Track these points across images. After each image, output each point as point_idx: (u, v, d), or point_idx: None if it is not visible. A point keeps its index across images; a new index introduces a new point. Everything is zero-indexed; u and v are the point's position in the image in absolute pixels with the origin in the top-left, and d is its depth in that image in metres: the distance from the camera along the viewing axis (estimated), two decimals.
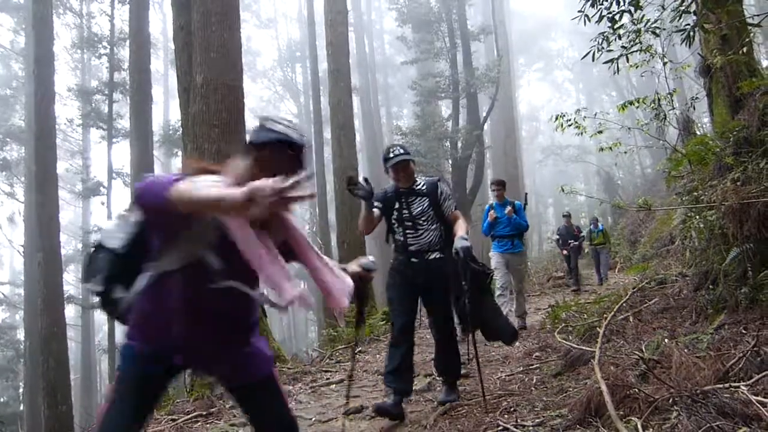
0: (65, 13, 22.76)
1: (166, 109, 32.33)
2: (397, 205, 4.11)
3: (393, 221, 4.16)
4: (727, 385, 2.75)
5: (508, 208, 7.58)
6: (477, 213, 18.61)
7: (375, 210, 4.01)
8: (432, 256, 4.05)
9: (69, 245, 29.10)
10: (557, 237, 14.63)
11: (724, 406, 2.54)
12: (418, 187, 4.12)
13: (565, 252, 13.99)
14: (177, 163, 25.75)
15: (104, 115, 19.13)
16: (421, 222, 4.06)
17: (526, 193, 10.05)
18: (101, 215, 22.25)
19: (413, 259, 4.05)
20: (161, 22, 31.95)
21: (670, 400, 2.77)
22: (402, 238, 4.11)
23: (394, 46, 32.82)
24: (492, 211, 7.75)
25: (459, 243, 3.81)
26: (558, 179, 34.80)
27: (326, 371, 6.38)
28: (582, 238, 14.11)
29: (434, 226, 4.07)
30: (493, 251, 7.75)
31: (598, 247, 14.57)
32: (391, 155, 4.05)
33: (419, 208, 4.07)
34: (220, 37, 7.37)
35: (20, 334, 25.09)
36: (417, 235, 4.06)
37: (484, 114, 18.50)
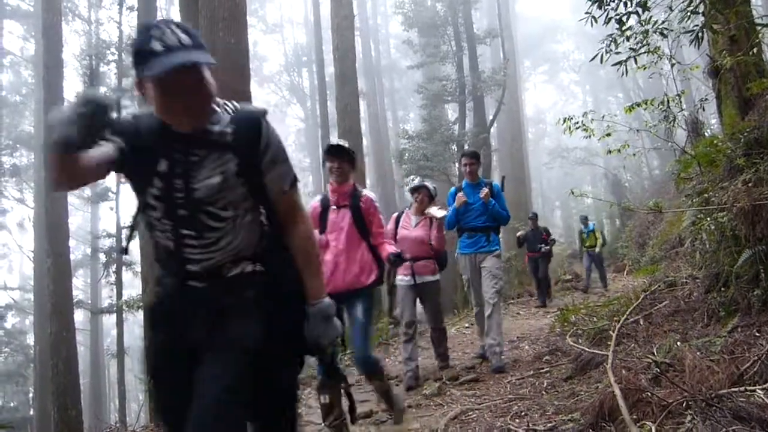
0: (74, 20, 22.92)
1: None
2: (163, 166, 1.78)
3: (149, 200, 1.81)
4: (742, 388, 2.72)
5: (484, 190, 5.61)
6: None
7: (105, 147, 1.69)
8: (234, 272, 1.83)
9: (78, 250, 29.17)
10: (521, 240, 12.34)
11: (739, 410, 2.51)
12: (217, 128, 1.79)
13: (529, 256, 12.20)
14: None
15: None
16: (212, 211, 1.79)
17: (504, 176, 7.20)
18: (110, 220, 22.36)
19: (192, 283, 1.83)
20: None
21: (684, 404, 2.74)
22: (170, 243, 1.82)
23: (400, 50, 32.84)
24: (460, 194, 5.74)
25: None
26: (565, 182, 34.76)
27: None
28: (552, 243, 12.16)
29: (246, 218, 1.85)
30: (460, 252, 5.86)
31: (590, 249, 13.25)
32: (152, 49, 1.60)
33: (212, 180, 1.76)
34: (227, 42, 7.40)
35: (30, 339, 25.24)
36: (204, 240, 1.80)
37: (491, 117, 18.49)
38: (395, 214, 5.77)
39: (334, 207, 3.98)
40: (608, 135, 6.60)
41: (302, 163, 39.51)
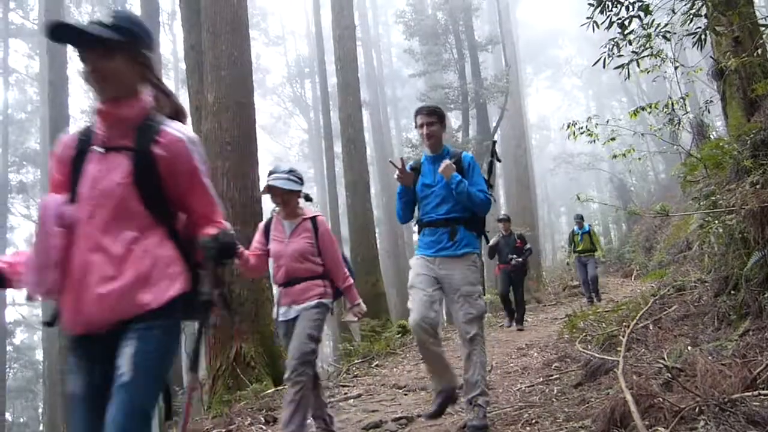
0: None
1: None
2: None
3: None
4: (755, 392, 2.69)
5: (446, 162, 3.73)
6: (492, 223, 18.40)
7: None
8: None
9: None
10: (493, 250, 9.82)
11: (753, 414, 2.48)
12: None
13: (499, 268, 9.76)
14: None
15: None
16: None
17: (495, 141, 4.68)
18: None
19: None
20: (171, 43, 32.32)
21: (697, 409, 2.71)
22: None
23: (401, 59, 32.95)
24: (401, 173, 3.85)
25: None
26: (570, 187, 34.67)
27: (344, 386, 6.34)
28: (528, 252, 9.78)
29: None
30: (418, 254, 3.88)
31: (583, 255, 11.29)
32: None
33: None
34: (230, 55, 7.44)
35: (39, 355, 25.32)
36: None
37: (494, 124, 18.50)
38: (262, 223, 3.97)
39: (100, 149, 1.91)
40: (613, 139, 6.58)
41: (306, 174, 39.67)
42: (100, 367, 1.79)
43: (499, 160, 4.27)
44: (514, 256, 9.48)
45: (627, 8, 4.95)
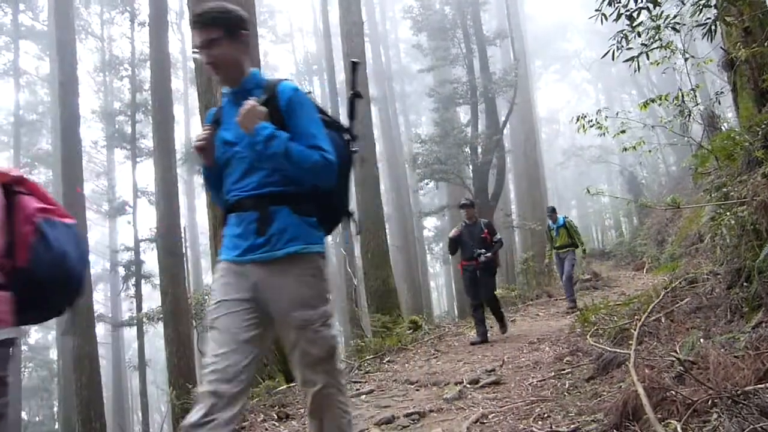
0: (87, 37, 23.36)
1: (187, 127, 32.78)
2: None
3: None
4: None
5: (248, 103, 2.18)
6: (500, 218, 18.47)
7: None
8: None
9: (98, 265, 29.57)
10: (454, 243, 7.91)
11: (766, 407, 2.47)
12: None
13: (462, 265, 7.91)
14: (199, 180, 26.14)
15: (128, 135, 19.52)
16: None
17: (355, 62, 2.93)
18: (128, 234, 22.63)
19: None
20: (180, 42, 32.47)
21: (710, 402, 2.70)
22: None
23: (410, 54, 32.94)
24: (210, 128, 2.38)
25: None
26: (580, 181, 34.53)
27: (356, 382, 6.36)
28: (498, 244, 7.84)
29: None
30: (221, 257, 2.33)
31: (561, 251, 9.92)
32: None
33: None
34: None
35: (53, 354, 25.60)
36: None
37: (503, 118, 18.44)
38: None
39: None
40: (623, 132, 6.55)
41: None
42: None
43: (359, 96, 2.68)
44: (482, 250, 7.61)
45: (635, 0, 4.92)
